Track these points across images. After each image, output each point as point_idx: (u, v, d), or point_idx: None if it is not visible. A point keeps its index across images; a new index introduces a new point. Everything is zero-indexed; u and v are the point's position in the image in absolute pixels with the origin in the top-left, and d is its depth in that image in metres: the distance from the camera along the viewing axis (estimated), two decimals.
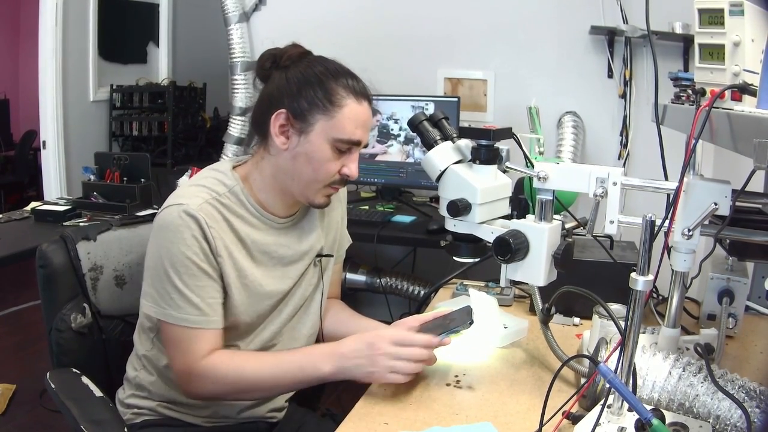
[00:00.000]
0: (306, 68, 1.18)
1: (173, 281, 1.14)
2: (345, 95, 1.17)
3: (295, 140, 1.17)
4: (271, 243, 1.25)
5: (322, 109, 1.16)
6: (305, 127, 1.16)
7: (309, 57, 1.22)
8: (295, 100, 1.16)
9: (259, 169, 1.23)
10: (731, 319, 1.35)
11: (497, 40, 2.89)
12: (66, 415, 1.13)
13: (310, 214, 1.33)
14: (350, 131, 1.17)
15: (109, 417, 1.14)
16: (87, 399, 1.17)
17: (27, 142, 5.56)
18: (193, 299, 1.15)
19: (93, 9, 4.01)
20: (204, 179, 1.22)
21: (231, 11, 3.10)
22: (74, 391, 1.19)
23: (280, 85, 1.18)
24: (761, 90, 0.91)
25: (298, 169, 1.18)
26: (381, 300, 2.96)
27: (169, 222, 1.14)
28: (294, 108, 1.16)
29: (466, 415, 1.08)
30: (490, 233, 1.09)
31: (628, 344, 0.93)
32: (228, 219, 1.19)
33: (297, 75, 1.18)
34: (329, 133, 1.16)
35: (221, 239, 1.17)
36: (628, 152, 2.75)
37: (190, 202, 1.15)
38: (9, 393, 2.62)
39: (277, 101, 1.17)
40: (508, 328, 1.39)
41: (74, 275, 1.35)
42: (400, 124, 2.71)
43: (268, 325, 1.29)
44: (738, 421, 0.96)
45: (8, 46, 6.39)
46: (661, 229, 0.97)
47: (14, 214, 2.46)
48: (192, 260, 1.14)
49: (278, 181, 1.22)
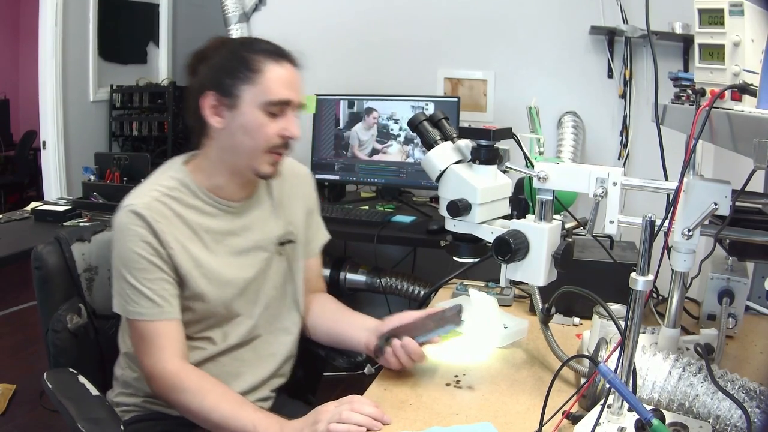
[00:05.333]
0: (222, 50, 1.24)
1: (126, 278, 1.20)
2: (263, 59, 1.21)
3: (229, 116, 1.22)
4: (226, 230, 1.29)
5: (245, 79, 1.20)
6: (234, 101, 1.21)
7: (227, 40, 1.29)
8: (219, 79, 1.21)
9: (207, 156, 1.28)
10: (731, 319, 1.35)
11: (497, 40, 2.89)
12: (63, 414, 1.13)
13: (263, 203, 1.36)
14: (276, 92, 1.21)
15: (105, 415, 1.14)
16: (84, 398, 1.18)
17: (27, 142, 5.57)
18: (146, 292, 1.19)
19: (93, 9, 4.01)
20: (154, 177, 1.28)
21: (231, 11, 3.10)
22: (71, 391, 1.19)
23: (203, 73, 1.23)
24: (761, 90, 0.91)
25: (238, 142, 1.23)
26: (381, 300, 2.96)
27: (118, 223, 1.21)
28: (219, 87, 1.21)
29: (466, 415, 1.08)
30: (490, 233, 1.09)
31: (628, 344, 0.93)
32: (179, 212, 1.24)
33: (216, 59, 1.23)
34: (257, 99, 1.20)
35: (171, 233, 1.21)
36: (628, 152, 2.75)
37: (137, 201, 1.21)
38: (9, 393, 2.62)
39: (203, 87, 1.22)
40: (508, 328, 1.39)
41: (69, 276, 1.35)
42: (400, 124, 2.71)
43: (244, 319, 1.32)
44: (738, 421, 0.96)
45: (8, 46, 6.39)
46: (661, 229, 0.97)
47: (14, 214, 2.46)
48: (140, 255, 1.19)
49: (225, 162, 1.26)
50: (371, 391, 1.16)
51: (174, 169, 1.29)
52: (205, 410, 1.16)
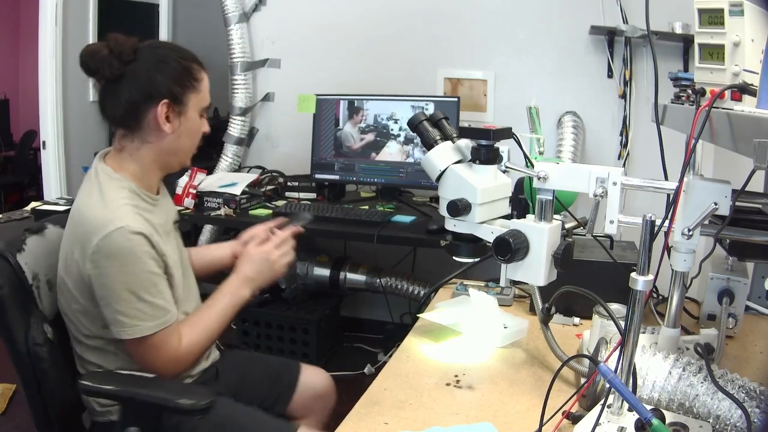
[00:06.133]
0: (161, 57, 1.29)
1: (143, 298, 1.22)
2: (199, 69, 1.33)
3: (177, 122, 1.30)
4: (162, 221, 1.36)
5: (191, 88, 1.31)
6: (183, 108, 1.31)
7: (150, 46, 1.31)
8: (171, 87, 1.28)
9: (136, 158, 1.31)
10: (731, 319, 1.35)
11: (497, 40, 2.90)
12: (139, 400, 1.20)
13: (162, 189, 1.43)
14: (207, 97, 1.36)
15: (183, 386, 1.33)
16: (151, 382, 1.26)
17: (27, 142, 5.57)
18: (160, 303, 1.25)
19: (93, 9, 4.00)
20: (109, 192, 1.26)
21: (231, 11, 3.09)
22: (131, 383, 1.25)
23: (147, 78, 1.27)
24: (761, 90, 0.91)
25: (181, 145, 1.34)
26: (381, 300, 2.96)
27: (119, 247, 1.19)
28: (172, 95, 1.28)
29: (466, 415, 1.08)
30: (490, 233, 1.09)
31: (628, 344, 0.93)
32: (145, 217, 1.27)
33: (160, 66, 1.28)
34: (198, 105, 1.33)
35: (158, 243, 1.26)
36: (628, 152, 2.75)
37: (127, 221, 1.21)
38: (9, 393, 2.62)
39: (153, 94, 1.27)
40: (508, 328, 1.39)
41: (23, 289, 1.30)
42: (400, 124, 2.71)
43: (187, 294, 1.41)
44: (738, 421, 0.96)
45: (8, 46, 6.39)
46: (661, 229, 0.97)
47: (14, 214, 2.46)
48: (154, 272, 1.24)
49: (160, 163, 1.34)
50: (371, 391, 1.16)
51: (113, 177, 1.29)
52: (210, 330, 1.35)
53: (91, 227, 1.20)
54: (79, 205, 1.28)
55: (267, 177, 2.95)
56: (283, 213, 2.28)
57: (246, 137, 3.23)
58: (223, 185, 2.71)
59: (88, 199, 1.26)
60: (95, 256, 1.19)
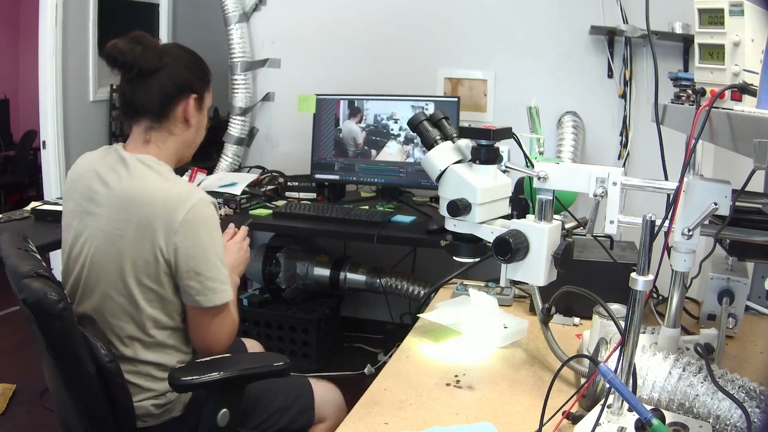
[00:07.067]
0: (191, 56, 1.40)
1: (225, 264, 1.32)
2: (209, 70, 1.43)
3: (197, 117, 1.40)
4: None
5: (208, 87, 1.43)
6: (203, 104, 1.41)
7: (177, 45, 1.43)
8: (198, 84, 1.39)
9: (164, 150, 1.37)
10: (731, 319, 1.35)
11: (497, 40, 2.89)
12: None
13: None
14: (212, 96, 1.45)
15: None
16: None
17: (27, 142, 5.56)
18: (228, 272, 1.34)
19: (93, 9, 4.00)
20: (168, 173, 1.34)
21: (231, 11, 3.09)
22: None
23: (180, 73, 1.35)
24: (761, 90, 0.91)
25: (197, 138, 1.44)
26: (381, 300, 2.96)
27: (206, 216, 1.28)
28: (198, 91, 1.38)
29: (466, 415, 1.08)
30: (490, 233, 1.09)
31: (628, 344, 0.93)
32: None
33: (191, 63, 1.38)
34: (208, 102, 1.43)
35: None
36: (628, 152, 2.75)
37: (202, 194, 1.31)
38: (9, 393, 2.62)
39: (185, 88, 1.35)
40: (508, 328, 1.39)
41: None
42: (400, 124, 2.71)
43: None
44: (738, 421, 0.96)
45: (8, 46, 6.39)
46: (661, 229, 0.97)
47: (14, 214, 2.45)
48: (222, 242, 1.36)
49: (179, 155, 1.41)
50: (371, 391, 1.16)
51: (161, 163, 1.34)
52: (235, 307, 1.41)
53: (172, 203, 1.25)
54: (137, 191, 1.26)
55: (267, 177, 2.95)
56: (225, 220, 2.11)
57: (246, 137, 3.23)
58: (223, 185, 2.71)
59: (150, 183, 1.28)
60: (184, 227, 1.24)
